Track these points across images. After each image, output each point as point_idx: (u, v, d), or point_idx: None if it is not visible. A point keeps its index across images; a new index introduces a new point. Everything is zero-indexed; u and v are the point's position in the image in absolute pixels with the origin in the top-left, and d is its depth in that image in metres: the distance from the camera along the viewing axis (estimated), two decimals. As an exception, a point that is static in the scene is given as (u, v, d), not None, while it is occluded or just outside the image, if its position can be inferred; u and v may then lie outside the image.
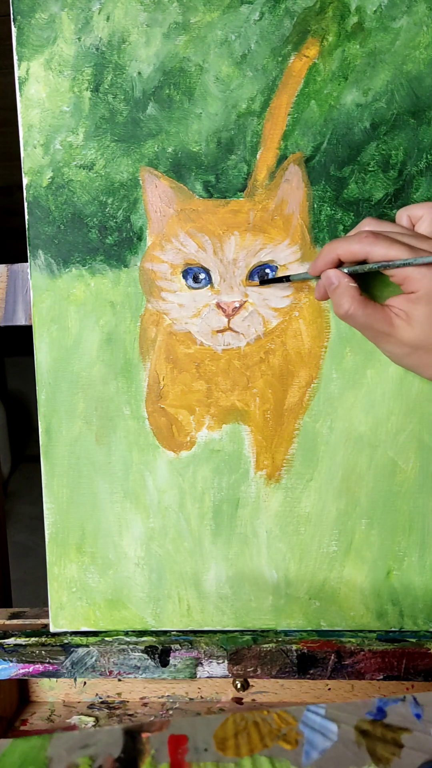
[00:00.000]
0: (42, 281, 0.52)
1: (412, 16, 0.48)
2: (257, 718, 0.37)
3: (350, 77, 0.49)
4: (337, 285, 0.45)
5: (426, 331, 0.43)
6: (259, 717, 0.37)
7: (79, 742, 0.34)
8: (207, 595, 0.55)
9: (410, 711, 0.37)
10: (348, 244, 0.44)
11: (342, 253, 0.45)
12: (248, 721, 0.36)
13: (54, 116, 0.50)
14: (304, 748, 0.35)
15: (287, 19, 0.48)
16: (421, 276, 0.43)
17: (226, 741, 0.35)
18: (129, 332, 0.52)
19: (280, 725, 0.36)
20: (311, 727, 0.36)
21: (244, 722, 0.36)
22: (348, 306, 0.45)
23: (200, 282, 0.51)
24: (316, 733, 0.36)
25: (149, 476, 0.54)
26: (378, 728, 0.36)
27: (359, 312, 0.44)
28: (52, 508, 0.54)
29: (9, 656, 0.54)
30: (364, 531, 0.53)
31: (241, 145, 0.50)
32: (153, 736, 0.35)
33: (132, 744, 0.34)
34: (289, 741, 0.35)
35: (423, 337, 0.43)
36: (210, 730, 0.35)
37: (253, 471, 0.53)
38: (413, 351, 0.44)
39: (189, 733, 0.35)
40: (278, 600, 0.55)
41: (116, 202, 0.51)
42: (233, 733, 0.35)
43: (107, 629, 0.55)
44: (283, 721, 0.37)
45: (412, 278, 0.43)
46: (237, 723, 0.36)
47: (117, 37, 0.49)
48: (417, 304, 0.43)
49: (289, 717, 0.37)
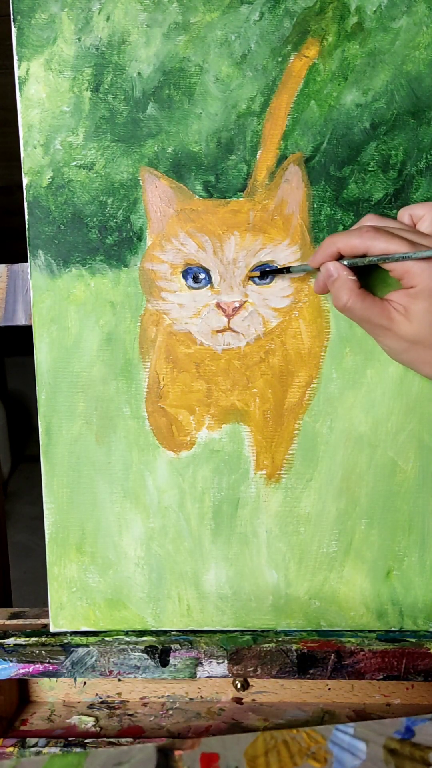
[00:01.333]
0: (42, 281, 0.52)
1: (411, 16, 0.48)
2: (286, 737, 0.37)
3: (350, 77, 0.49)
4: (336, 277, 0.45)
5: (424, 326, 0.43)
6: (289, 736, 0.37)
7: (114, 759, 0.35)
8: (207, 595, 0.55)
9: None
10: (348, 238, 0.45)
11: (342, 246, 0.45)
12: (278, 739, 0.37)
13: (54, 116, 0.50)
14: (334, 766, 0.35)
15: (287, 19, 0.48)
16: (421, 271, 0.43)
17: (257, 759, 0.36)
18: (129, 332, 0.52)
19: (309, 744, 0.37)
20: (340, 746, 0.36)
21: (273, 741, 0.37)
22: (346, 299, 0.45)
23: (200, 282, 0.51)
24: (344, 752, 0.36)
25: (149, 476, 0.54)
26: (406, 747, 0.36)
27: (357, 305, 0.44)
28: (52, 508, 0.54)
29: (9, 656, 0.54)
30: (364, 531, 0.53)
31: (241, 145, 0.50)
32: (186, 754, 0.35)
33: (165, 762, 0.35)
34: (318, 759, 0.36)
35: (421, 333, 0.44)
36: (240, 748, 0.36)
37: (253, 471, 0.53)
38: (411, 346, 0.45)
39: (220, 752, 0.36)
40: (278, 600, 0.55)
41: (116, 202, 0.51)
42: (263, 752, 0.36)
43: (107, 629, 0.55)
44: (312, 739, 0.37)
45: (412, 273, 0.43)
46: (267, 741, 0.37)
47: (117, 37, 0.49)
48: (416, 299, 0.43)
49: (318, 736, 0.37)
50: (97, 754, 0.35)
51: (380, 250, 0.43)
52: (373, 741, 0.37)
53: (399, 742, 0.37)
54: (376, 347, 0.51)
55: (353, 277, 0.45)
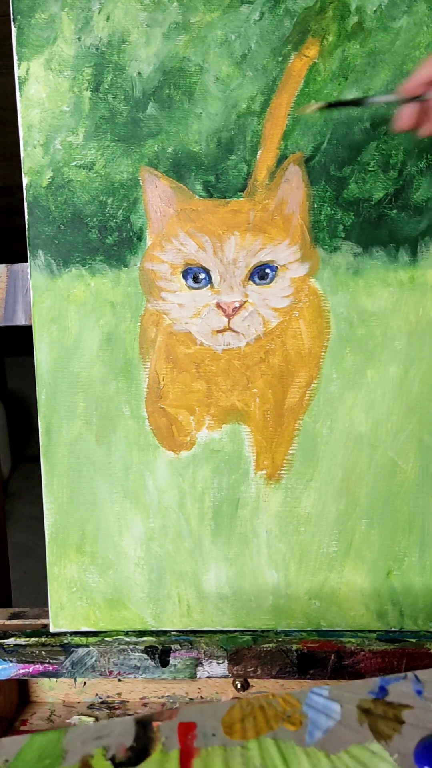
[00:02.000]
0: (42, 281, 0.52)
1: (412, 16, 0.48)
2: (263, 703, 0.38)
3: (350, 77, 0.49)
4: None
5: None
6: (265, 701, 0.38)
7: (94, 734, 0.36)
8: (207, 595, 0.55)
9: (411, 688, 0.38)
10: None
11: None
12: (254, 705, 0.37)
13: (54, 116, 0.50)
14: (308, 728, 0.36)
15: (287, 19, 0.48)
16: None
17: (233, 725, 0.36)
18: (129, 332, 0.52)
19: (285, 708, 0.37)
20: (315, 708, 0.37)
21: (250, 707, 0.37)
22: None
23: (200, 282, 0.51)
24: (319, 713, 0.37)
25: (149, 476, 0.54)
26: (380, 706, 0.37)
27: None
28: (52, 508, 0.54)
29: (9, 656, 0.54)
30: (364, 531, 0.53)
31: (241, 145, 0.50)
32: (163, 725, 0.36)
33: (143, 733, 0.36)
34: (293, 722, 0.36)
35: None
36: (218, 716, 0.37)
37: (253, 471, 0.53)
38: None
39: (198, 720, 0.37)
40: (278, 600, 0.54)
41: (116, 202, 0.51)
42: (240, 718, 0.37)
43: (107, 629, 0.55)
44: (288, 703, 0.38)
45: None
46: (243, 708, 0.37)
47: (117, 37, 0.49)
48: None
49: (294, 699, 0.38)
50: (76, 730, 0.36)
51: None
52: (348, 701, 0.37)
53: (372, 701, 0.37)
54: (377, 347, 0.51)
55: None
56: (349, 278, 0.51)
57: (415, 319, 0.51)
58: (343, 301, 0.51)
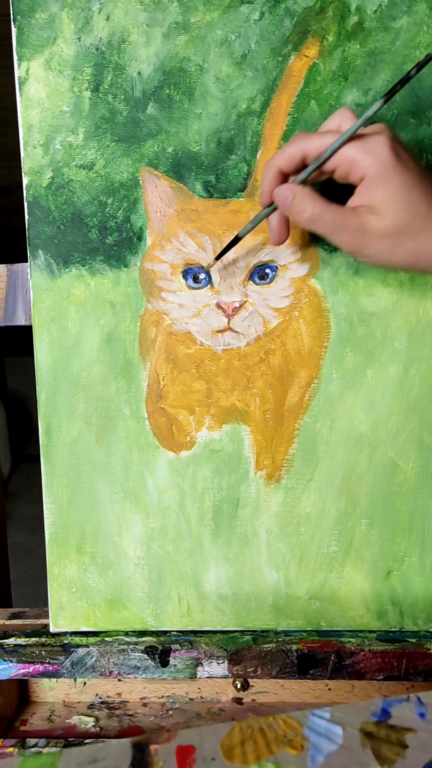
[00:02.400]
0: (42, 281, 0.52)
1: (412, 15, 0.48)
2: (263, 725, 0.37)
3: (350, 77, 0.49)
4: (293, 195, 0.41)
5: (397, 212, 0.40)
6: (265, 724, 0.37)
7: (88, 757, 0.34)
8: (207, 595, 0.55)
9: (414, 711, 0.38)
10: (282, 151, 0.42)
11: (280, 162, 0.42)
12: (254, 728, 0.37)
13: (54, 116, 0.50)
14: (310, 752, 0.35)
15: (287, 19, 0.48)
16: (363, 155, 0.40)
17: (233, 749, 0.35)
18: (129, 332, 0.52)
19: (285, 731, 0.36)
20: (316, 731, 0.36)
21: (250, 730, 0.37)
22: (311, 208, 0.41)
23: (200, 282, 0.51)
24: (321, 737, 0.36)
25: (149, 476, 0.54)
26: (383, 729, 0.36)
27: (324, 212, 0.40)
28: (52, 508, 0.54)
29: (9, 656, 0.54)
30: (364, 531, 0.53)
31: (241, 145, 0.50)
32: (161, 748, 0.35)
33: (140, 757, 0.34)
34: (294, 746, 0.36)
35: (398, 221, 0.40)
36: (217, 739, 0.36)
37: (253, 471, 0.53)
38: (397, 242, 0.40)
39: (196, 744, 0.35)
40: (278, 600, 0.54)
41: (116, 202, 0.51)
42: (240, 741, 0.36)
43: (107, 629, 0.55)
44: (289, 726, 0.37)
45: (356, 162, 0.40)
46: (243, 731, 0.36)
47: (117, 37, 0.49)
48: (374, 188, 0.40)
49: (295, 722, 0.37)
50: (71, 753, 0.35)
51: (316, 148, 0.41)
52: (350, 725, 0.37)
53: (375, 724, 0.37)
54: (377, 347, 0.51)
55: (312, 189, 0.41)
56: (349, 278, 0.51)
57: (415, 319, 0.51)
58: (343, 301, 0.51)
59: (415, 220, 0.40)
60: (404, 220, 0.40)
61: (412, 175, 0.40)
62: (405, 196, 0.40)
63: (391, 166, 0.39)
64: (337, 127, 0.43)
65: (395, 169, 0.39)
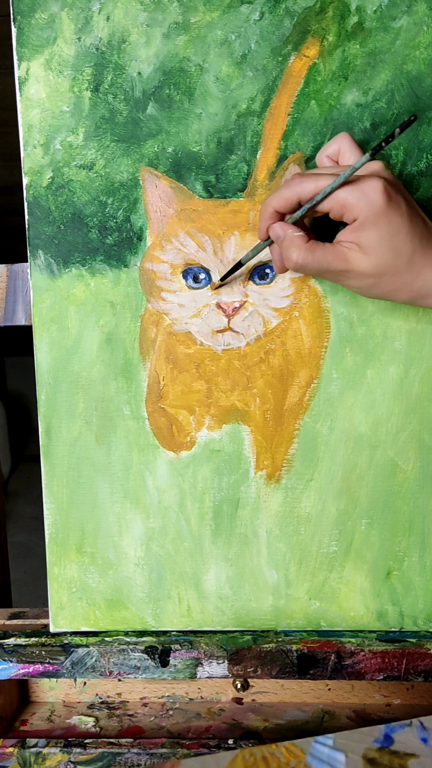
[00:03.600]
0: (42, 281, 0.52)
1: (412, 15, 0.48)
2: (266, 753, 0.37)
3: (350, 77, 0.49)
4: (283, 237, 0.44)
5: (382, 255, 0.42)
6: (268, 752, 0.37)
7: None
8: (207, 595, 0.55)
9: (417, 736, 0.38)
10: (278, 193, 0.44)
11: (275, 203, 0.44)
12: (257, 756, 0.36)
13: (54, 116, 0.50)
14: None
15: (287, 19, 0.48)
16: (357, 200, 0.41)
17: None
18: (129, 332, 0.52)
19: (288, 759, 0.36)
20: (319, 758, 0.36)
21: (253, 758, 0.36)
22: (296, 255, 0.43)
23: (200, 282, 0.51)
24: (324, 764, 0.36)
25: (149, 476, 0.54)
26: (385, 755, 0.36)
27: (309, 258, 0.43)
28: (52, 508, 0.54)
29: (9, 656, 0.54)
30: (364, 531, 0.53)
31: (241, 145, 0.50)
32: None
33: None
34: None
35: (381, 263, 0.42)
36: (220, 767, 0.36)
37: (253, 471, 0.53)
38: (377, 280, 0.43)
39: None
40: (278, 600, 0.54)
41: (116, 202, 0.51)
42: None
43: (107, 629, 0.55)
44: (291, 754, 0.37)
45: (349, 205, 0.42)
46: (246, 759, 0.36)
47: (117, 37, 0.49)
48: (363, 231, 0.42)
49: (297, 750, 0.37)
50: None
51: (311, 191, 0.43)
52: (352, 751, 0.36)
53: (378, 751, 0.37)
54: (377, 347, 0.51)
55: (300, 233, 0.44)
56: (349, 278, 0.51)
57: (415, 319, 0.51)
58: (343, 301, 0.51)
59: (397, 262, 0.42)
60: (387, 262, 0.42)
61: (402, 220, 0.42)
62: (391, 241, 0.42)
63: (382, 212, 0.41)
64: (336, 152, 0.45)
65: (386, 215, 0.41)
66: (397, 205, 0.42)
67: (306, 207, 0.43)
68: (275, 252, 0.47)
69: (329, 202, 0.42)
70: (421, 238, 0.42)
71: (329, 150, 0.45)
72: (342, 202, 0.42)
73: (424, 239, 0.42)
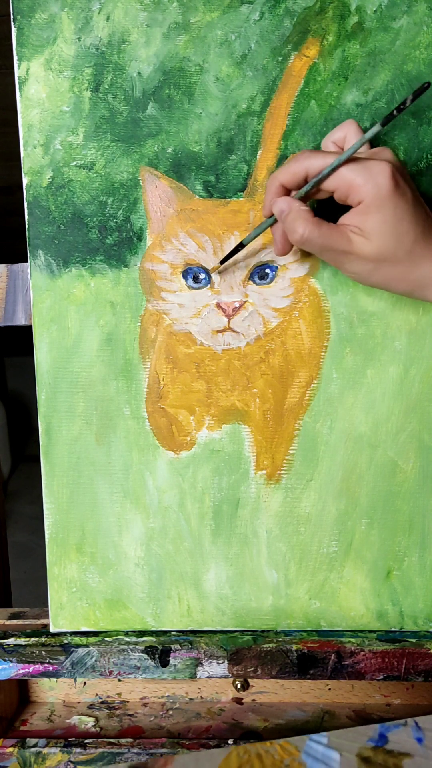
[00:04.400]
0: (42, 281, 0.52)
1: (412, 15, 0.48)
2: (260, 750, 0.37)
3: (350, 77, 0.49)
4: (288, 210, 0.43)
5: (384, 240, 0.41)
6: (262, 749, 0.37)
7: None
8: (207, 595, 0.55)
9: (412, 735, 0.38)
10: (286, 167, 0.44)
11: (282, 177, 0.44)
12: (251, 753, 0.36)
13: (54, 116, 0.50)
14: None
15: (287, 19, 0.48)
16: (364, 182, 0.41)
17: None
18: (129, 332, 0.52)
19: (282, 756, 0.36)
20: (314, 756, 0.36)
21: (247, 755, 0.36)
22: (302, 229, 0.42)
23: (200, 282, 0.51)
24: (318, 762, 0.36)
25: (149, 476, 0.54)
26: (380, 755, 0.36)
27: (314, 233, 0.42)
28: (52, 508, 0.54)
29: (9, 656, 0.54)
30: (364, 531, 0.53)
31: (241, 145, 0.50)
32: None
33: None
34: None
35: (382, 248, 0.42)
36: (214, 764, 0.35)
37: (253, 471, 0.53)
38: (377, 266, 0.43)
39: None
40: (278, 600, 0.54)
41: (116, 202, 0.51)
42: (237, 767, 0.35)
43: (107, 629, 0.55)
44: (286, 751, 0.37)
45: (356, 186, 0.41)
46: (240, 756, 0.36)
47: (117, 37, 0.49)
48: (368, 214, 0.41)
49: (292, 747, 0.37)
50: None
51: (319, 165, 0.42)
52: (347, 750, 0.36)
53: (372, 749, 0.36)
54: (377, 347, 0.51)
55: (306, 207, 0.43)
56: (349, 278, 0.51)
57: (415, 319, 0.51)
58: (343, 301, 0.51)
59: (398, 250, 0.42)
60: (389, 249, 0.42)
61: (406, 206, 0.41)
62: (395, 227, 0.41)
63: (388, 197, 0.41)
64: (341, 139, 0.45)
65: (391, 200, 0.41)
66: (403, 192, 0.41)
67: (313, 181, 0.43)
68: (277, 231, 0.46)
69: (336, 180, 0.42)
70: (423, 229, 0.42)
71: (335, 136, 0.45)
72: (349, 182, 0.41)
73: (426, 231, 0.42)
